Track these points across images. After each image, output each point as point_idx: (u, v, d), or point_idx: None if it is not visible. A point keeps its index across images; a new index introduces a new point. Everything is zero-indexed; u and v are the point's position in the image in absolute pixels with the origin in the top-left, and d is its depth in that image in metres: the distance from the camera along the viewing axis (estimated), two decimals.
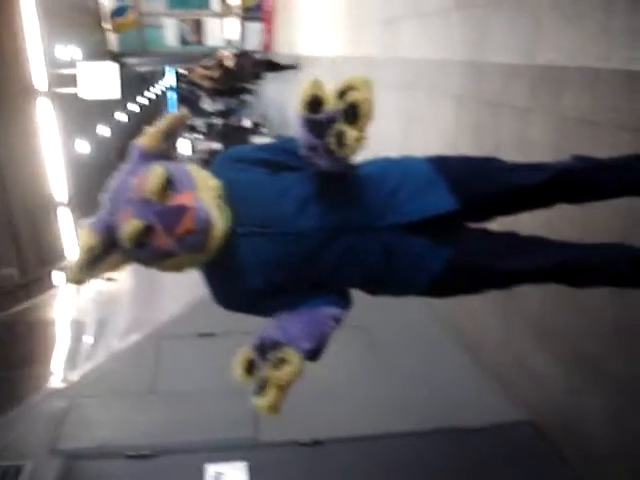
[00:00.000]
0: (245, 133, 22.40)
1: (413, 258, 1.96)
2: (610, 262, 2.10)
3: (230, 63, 12.10)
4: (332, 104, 1.74)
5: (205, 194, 1.80)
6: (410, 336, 4.37)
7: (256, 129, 22.97)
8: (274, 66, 12.83)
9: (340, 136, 1.73)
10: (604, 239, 2.27)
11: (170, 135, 1.92)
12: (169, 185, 1.76)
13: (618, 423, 2.68)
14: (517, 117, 3.38)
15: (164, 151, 1.90)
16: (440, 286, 2.04)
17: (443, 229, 1.99)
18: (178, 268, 1.88)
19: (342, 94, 1.74)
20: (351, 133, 1.73)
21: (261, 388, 1.81)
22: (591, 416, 2.84)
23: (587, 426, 2.88)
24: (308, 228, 1.88)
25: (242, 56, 12.78)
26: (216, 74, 12.05)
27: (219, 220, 1.80)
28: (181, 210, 1.73)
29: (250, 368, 1.82)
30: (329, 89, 1.76)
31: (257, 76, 13.39)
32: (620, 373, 2.64)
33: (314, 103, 1.74)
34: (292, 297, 1.95)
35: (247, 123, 22.55)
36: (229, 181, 1.91)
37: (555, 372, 3.12)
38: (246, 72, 12.59)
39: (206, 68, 12.26)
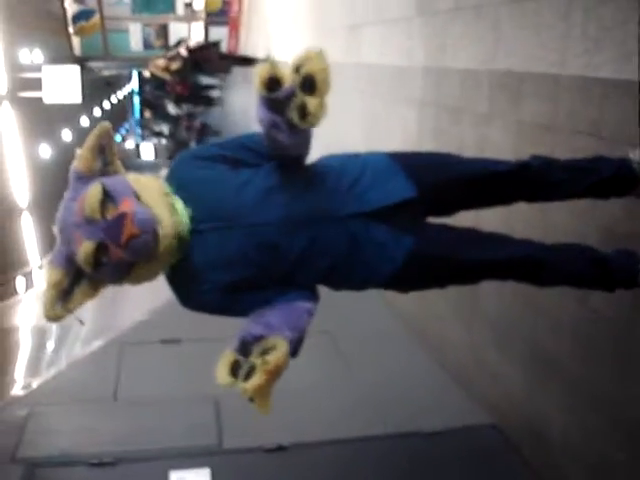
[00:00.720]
0: (194, 133, 22.48)
1: (377, 247, 1.98)
2: (570, 262, 2.14)
3: (185, 53, 10.63)
4: (289, 80, 1.76)
5: (147, 195, 1.80)
6: (373, 340, 4.38)
7: (204, 130, 23.04)
8: (245, 60, 11.60)
9: (302, 108, 1.75)
10: (563, 240, 2.31)
11: (101, 151, 1.90)
12: (108, 199, 1.76)
13: (577, 423, 2.71)
14: (477, 122, 3.42)
15: (100, 169, 1.90)
16: (402, 278, 2.05)
17: (405, 220, 2.01)
18: (147, 277, 1.88)
19: (298, 68, 1.76)
20: (312, 102, 1.74)
21: (248, 375, 1.76)
22: (552, 417, 2.88)
23: (548, 427, 2.91)
24: (270, 219, 1.89)
25: (209, 48, 11.47)
26: (176, 65, 10.61)
27: (165, 217, 1.79)
28: (121, 218, 1.72)
29: (235, 371, 1.78)
30: (284, 67, 1.77)
31: (225, 69, 11.93)
32: (579, 374, 2.68)
33: (272, 82, 1.76)
34: (263, 293, 1.95)
35: (197, 124, 22.62)
36: (189, 179, 1.92)
37: (516, 374, 3.16)
38: (213, 64, 11.23)
39: (166, 59, 10.84)
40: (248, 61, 11.00)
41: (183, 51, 10.17)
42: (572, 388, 2.73)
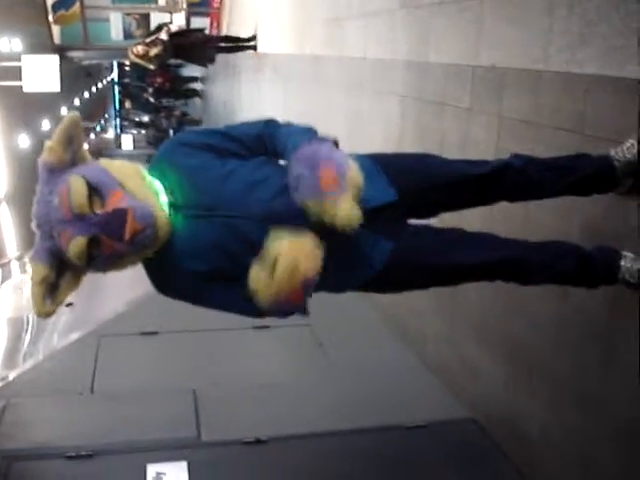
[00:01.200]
0: (174, 122, 22.44)
1: (356, 251, 1.97)
2: (555, 260, 2.14)
3: (165, 37, 9.50)
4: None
5: (132, 184, 1.79)
6: (354, 334, 4.39)
7: (183, 119, 23.02)
8: (232, 40, 10.49)
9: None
10: (545, 237, 2.31)
11: (70, 142, 1.89)
12: (94, 192, 1.75)
13: (558, 420, 2.72)
14: (459, 117, 3.42)
15: (70, 160, 1.88)
16: (381, 281, 2.04)
17: (385, 223, 2.00)
18: (134, 264, 1.89)
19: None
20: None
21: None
22: (532, 413, 2.89)
23: (528, 423, 2.92)
24: (251, 213, 1.87)
25: (192, 32, 10.46)
26: (155, 50, 9.55)
27: (157, 205, 1.80)
28: (121, 214, 1.72)
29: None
30: None
31: (209, 56, 10.50)
32: (560, 370, 2.69)
33: None
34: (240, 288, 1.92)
35: (176, 112, 22.61)
36: (174, 166, 1.91)
37: (497, 370, 3.16)
38: (197, 50, 9.97)
39: (145, 44, 9.72)
40: (233, 41, 10.36)
41: (164, 35, 9.39)
42: (552, 384, 2.74)
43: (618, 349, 2.35)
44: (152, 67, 10.40)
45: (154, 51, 9.21)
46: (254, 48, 9.57)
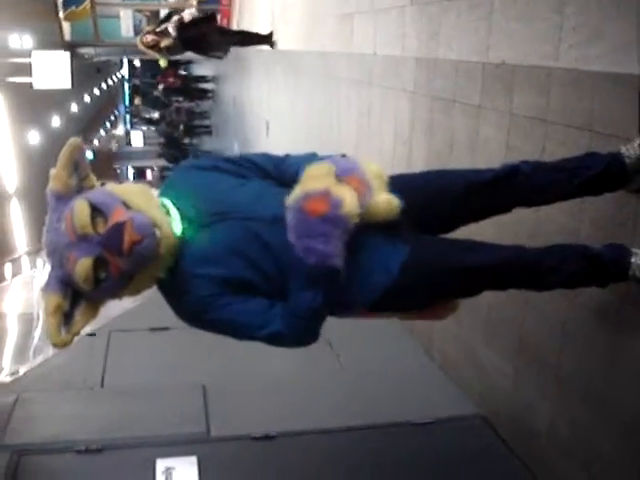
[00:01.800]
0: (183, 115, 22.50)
1: (374, 255, 1.96)
2: (567, 262, 2.12)
3: (174, 32, 8.63)
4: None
5: (136, 201, 1.79)
6: (363, 330, 4.37)
7: (193, 112, 23.08)
8: (248, 36, 9.62)
9: None
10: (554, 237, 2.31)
11: (75, 168, 1.88)
12: (97, 213, 1.75)
13: (565, 417, 2.73)
14: (469, 114, 3.41)
15: (76, 186, 1.87)
16: (400, 287, 2.01)
17: (399, 230, 2.00)
18: (146, 285, 1.87)
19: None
20: None
21: None
22: (540, 410, 2.89)
23: (536, 420, 2.92)
24: (264, 216, 1.89)
25: (207, 21, 9.26)
26: (166, 42, 8.69)
27: (161, 217, 1.79)
28: (119, 227, 1.70)
29: None
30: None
31: (223, 48, 9.63)
32: (567, 368, 2.69)
33: None
34: (255, 300, 1.92)
35: (185, 105, 22.72)
36: (186, 185, 1.95)
37: (504, 366, 3.17)
38: (211, 42, 9.13)
39: (155, 34, 8.85)
40: (250, 37, 9.59)
41: (172, 30, 8.62)
42: (560, 382, 2.74)
43: (626, 346, 2.35)
44: (163, 63, 10.02)
45: (165, 42, 8.71)
46: (271, 45, 9.11)
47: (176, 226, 1.84)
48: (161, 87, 22.04)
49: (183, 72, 22.81)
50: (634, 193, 2.25)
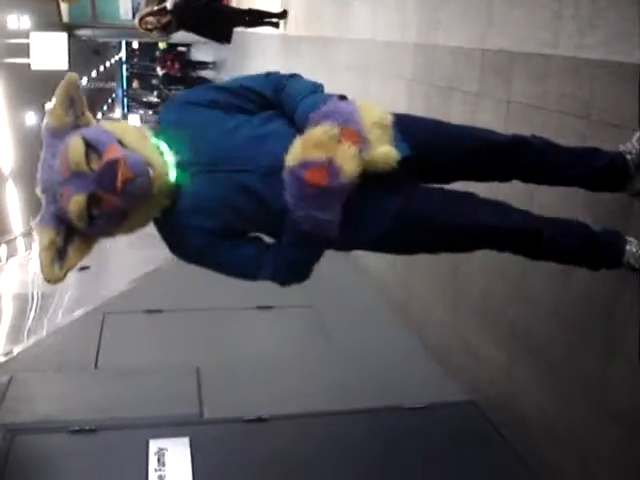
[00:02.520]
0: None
1: (369, 205, 1.94)
2: (565, 235, 2.12)
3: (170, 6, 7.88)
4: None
5: (131, 140, 1.78)
6: (355, 315, 4.40)
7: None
8: (258, 14, 8.77)
9: None
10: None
11: (71, 104, 1.87)
12: (91, 150, 1.74)
13: (558, 405, 2.74)
14: (467, 101, 3.41)
15: (72, 123, 1.86)
16: (390, 238, 2.01)
17: (396, 180, 1.93)
18: (140, 224, 1.87)
19: None
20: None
21: None
22: (532, 398, 2.90)
23: (527, 406, 2.94)
24: (257, 167, 1.86)
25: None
26: (165, 19, 8.03)
27: (155, 157, 1.78)
28: (113, 164, 1.69)
29: None
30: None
31: (228, 32, 8.76)
32: (561, 356, 2.70)
33: None
34: (251, 245, 1.95)
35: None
36: (178, 123, 1.91)
37: (497, 353, 3.18)
38: (217, 21, 8.38)
39: (153, 15, 8.14)
40: (259, 15, 8.84)
41: (169, 4, 7.87)
42: (553, 369, 2.75)
43: (620, 335, 2.36)
44: (162, 45, 9.70)
45: (164, 20, 8.26)
46: (277, 25, 8.64)
47: (171, 170, 1.83)
48: (161, 73, 21.86)
49: (182, 49, 22.52)
50: (635, 197, 2.25)
